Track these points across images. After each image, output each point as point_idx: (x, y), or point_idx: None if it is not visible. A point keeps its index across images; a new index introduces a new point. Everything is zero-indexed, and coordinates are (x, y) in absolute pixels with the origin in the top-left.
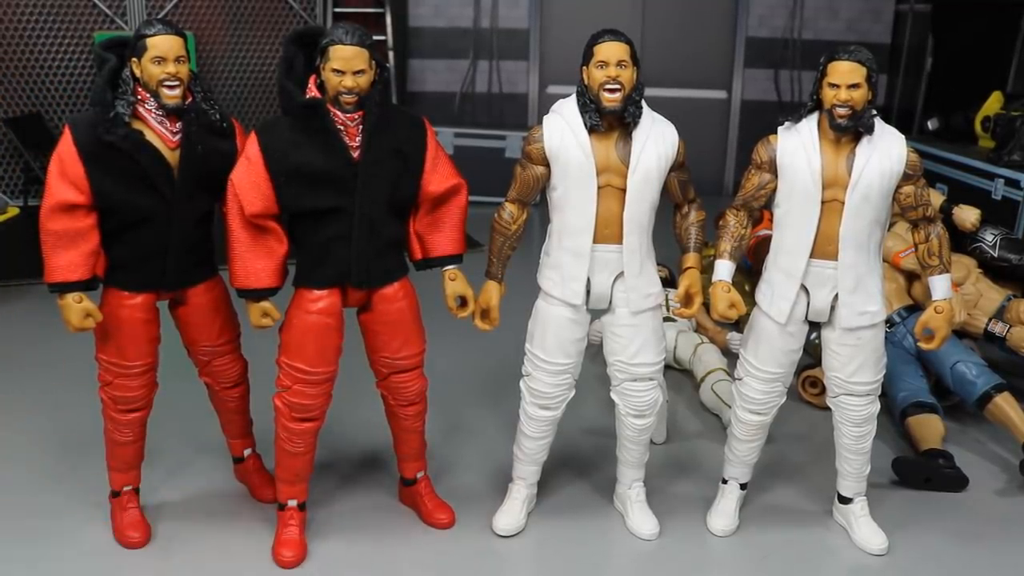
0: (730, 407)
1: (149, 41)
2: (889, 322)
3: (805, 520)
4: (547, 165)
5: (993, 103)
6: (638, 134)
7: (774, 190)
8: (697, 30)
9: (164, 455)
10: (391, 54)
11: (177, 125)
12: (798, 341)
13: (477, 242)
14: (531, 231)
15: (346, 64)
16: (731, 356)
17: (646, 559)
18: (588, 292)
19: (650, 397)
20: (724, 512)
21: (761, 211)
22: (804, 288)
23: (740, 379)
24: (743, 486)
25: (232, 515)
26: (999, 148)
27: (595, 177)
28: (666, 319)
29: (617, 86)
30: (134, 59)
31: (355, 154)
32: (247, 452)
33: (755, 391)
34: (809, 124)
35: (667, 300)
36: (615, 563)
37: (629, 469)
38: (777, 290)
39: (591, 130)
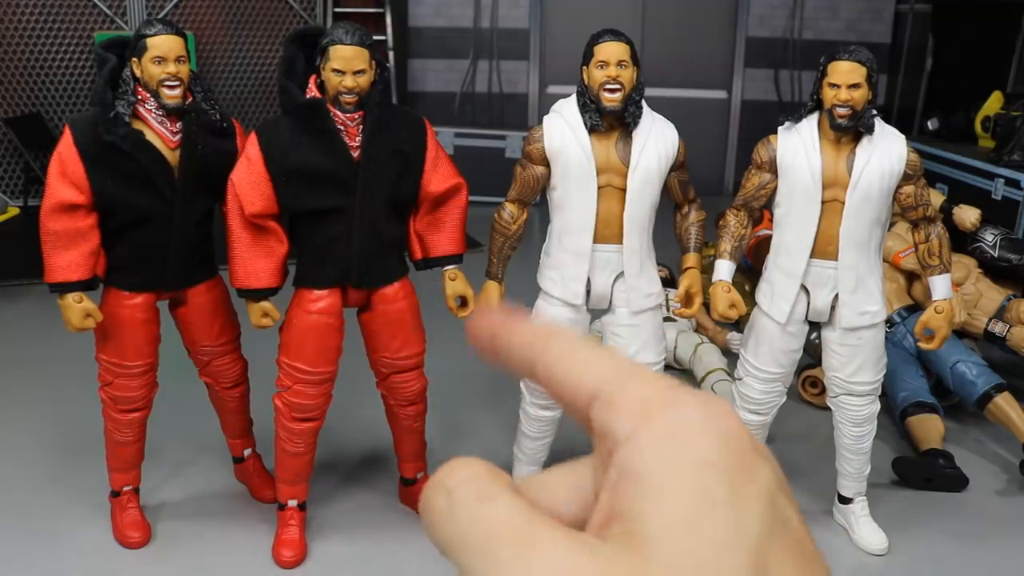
0: None
1: (149, 41)
2: (889, 322)
3: (805, 520)
4: (547, 165)
5: (993, 103)
6: (638, 134)
7: (774, 190)
8: (697, 30)
9: (164, 455)
10: (391, 54)
11: (177, 125)
12: (798, 341)
13: (477, 242)
14: (531, 231)
15: (346, 64)
16: (731, 356)
17: None
18: (588, 292)
19: None
20: None
21: (761, 211)
22: (804, 288)
23: (740, 379)
24: None
25: (232, 515)
26: (999, 148)
27: (595, 177)
28: (666, 319)
29: (617, 86)
30: (134, 59)
31: (355, 154)
32: (247, 452)
33: (755, 391)
34: (809, 124)
35: (667, 300)
36: None
37: None
38: (777, 290)
39: (591, 130)
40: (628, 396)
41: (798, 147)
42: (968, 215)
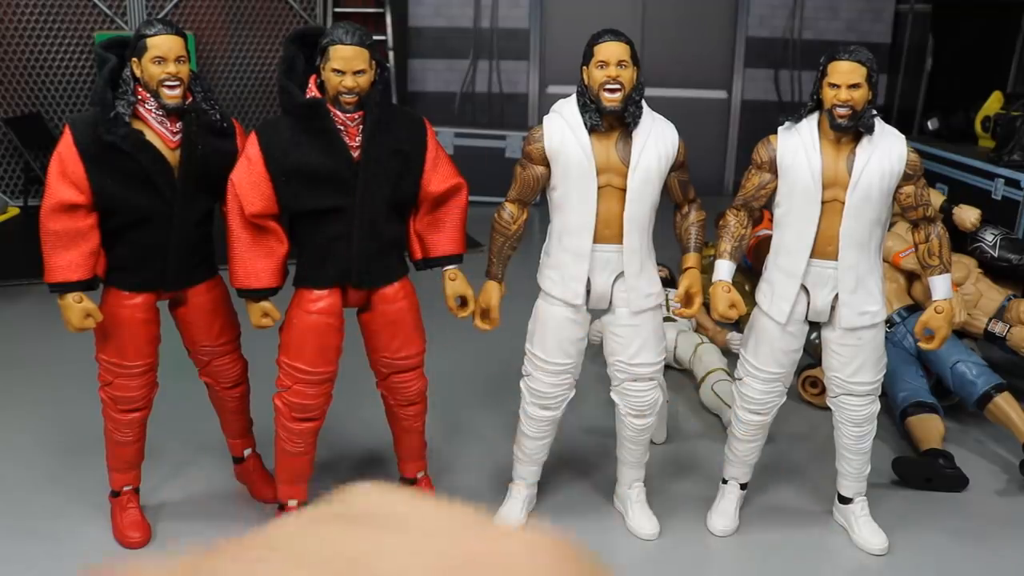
0: (730, 407)
1: (149, 41)
2: (889, 322)
3: (805, 520)
4: (547, 165)
5: (993, 103)
6: (638, 134)
7: (774, 190)
8: (697, 30)
9: (164, 455)
10: (391, 54)
11: (177, 125)
12: (798, 341)
13: (477, 242)
14: (531, 231)
15: (346, 64)
16: (731, 356)
17: (646, 559)
18: (588, 292)
19: (650, 397)
20: (724, 512)
21: (761, 211)
22: (804, 288)
23: (740, 379)
24: (743, 486)
25: (232, 515)
26: (999, 148)
27: (595, 177)
28: (666, 319)
29: (617, 86)
30: (134, 59)
31: (355, 154)
32: (247, 452)
33: (755, 391)
34: (809, 124)
35: (667, 300)
36: (615, 563)
37: (629, 469)
38: (777, 290)
39: (591, 130)
40: None
41: (798, 147)
42: (968, 215)
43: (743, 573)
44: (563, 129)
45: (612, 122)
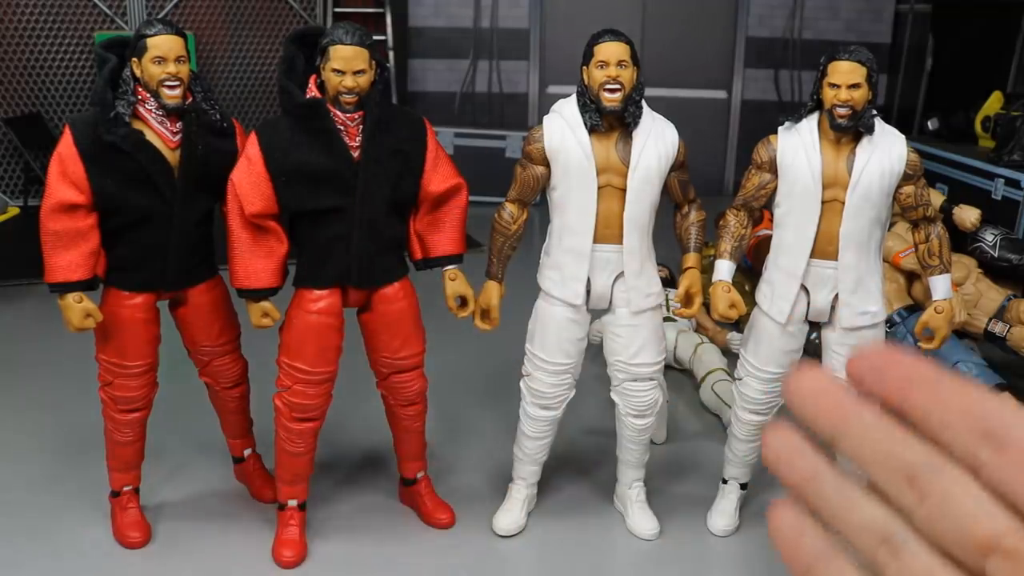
0: (730, 407)
1: (149, 41)
2: (889, 322)
3: None
4: (547, 165)
5: (993, 103)
6: (638, 134)
7: (774, 190)
8: (697, 30)
9: (164, 455)
10: (391, 54)
11: (177, 125)
12: (798, 341)
13: (477, 242)
14: (531, 231)
15: (346, 64)
16: (731, 356)
17: (646, 559)
18: (588, 292)
19: (650, 397)
20: (724, 512)
21: (761, 211)
22: (804, 288)
23: (740, 379)
24: (743, 486)
25: (232, 515)
26: (999, 148)
27: (595, 177)
28: (666, 319)
29: (617, 86)
30: (134, 59)
31: (355, 154)
32: (247, 452)
33: (755, 391)
34: (809, 124)
35: (667, 300)
36: (615, 563)
37: (629, 469)
38: (777, 290)
39: (591, 130)
40: None
41: (798, 147)
42: (968, 215)
43: (743, 573)
44: (563, 129)
45: (612, 122)
